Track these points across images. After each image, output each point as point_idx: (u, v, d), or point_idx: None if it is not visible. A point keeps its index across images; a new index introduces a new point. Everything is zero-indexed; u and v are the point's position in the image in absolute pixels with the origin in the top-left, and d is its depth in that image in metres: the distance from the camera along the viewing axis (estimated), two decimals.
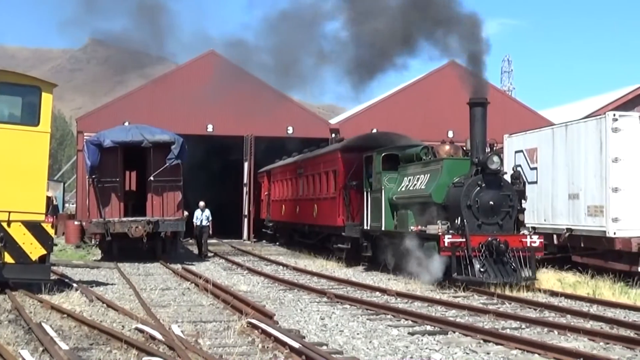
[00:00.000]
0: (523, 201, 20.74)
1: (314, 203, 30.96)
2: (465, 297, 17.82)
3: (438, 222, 19.99)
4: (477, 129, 20.01)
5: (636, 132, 20.70)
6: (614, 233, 20.31)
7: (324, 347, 11.23)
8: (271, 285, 20.27)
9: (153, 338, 11.58)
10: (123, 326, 13.10)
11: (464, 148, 21.63)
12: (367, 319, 14.32)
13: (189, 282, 20.27)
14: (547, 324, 13.43)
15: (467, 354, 11.09)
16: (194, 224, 30.44)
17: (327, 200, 29.09)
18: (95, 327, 12.59)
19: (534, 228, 21.85)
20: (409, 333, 12.74)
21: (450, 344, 11.75)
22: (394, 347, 11.52)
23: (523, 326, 13.49)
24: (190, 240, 38.64)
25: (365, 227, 24.71)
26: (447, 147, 22.35)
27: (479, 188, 19.58)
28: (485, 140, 20.15)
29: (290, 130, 43.12)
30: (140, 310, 14.86)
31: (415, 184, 21.97)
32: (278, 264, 27.29)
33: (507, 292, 17.88)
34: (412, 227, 21.38)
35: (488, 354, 11.07)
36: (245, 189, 43.79)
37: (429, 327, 13.27)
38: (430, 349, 11.35)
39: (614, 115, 21.02)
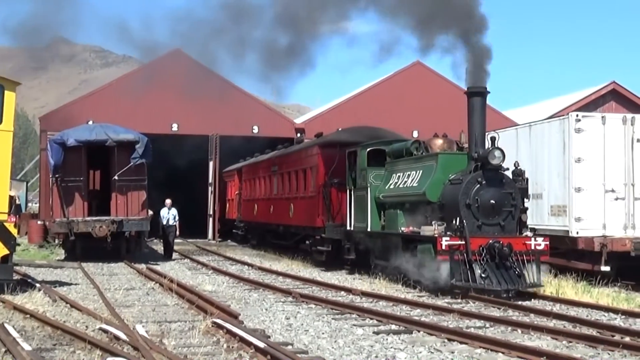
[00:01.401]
0: (526, 200, 19.07)
1: (290, 202, 29.27)
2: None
3: (433, 222, 18.50)
4: (475, 120, 18.47)
5: (598, 132, 20.91)
6: (577, 233, 20.50)
7: (289, 347, 11.23)
8: (236, 285, 20.23)
9: (117, 338, 11.51)
10: (87, 326, 13.01)
11: (458, 142, 20.25)
12: (332, 319, 14.33)
13: (154, 282, 20.17)
14: (510, 323, 13.52)
15: (432, 353, 11.14)
16: (160, 223, 29.92)
17: (305, 200, 27.39)
18: (58, 327, 12.49)
19: None
20: (374, 332, 12.76)
21: (415, 343, 11.80)
22: (358, 346, 11.54)
23: (487, 325, 13.57)
24: (155, 240, 38.48)
25: (348, 228, 23.13)
26: (440, 141, 20.62)
27: (478, 185, 17.99)
28: (484, 133, 18.63)
29: (255, 129, 43.07)
30: (104, 310, 14.78)
31: (405, 181, 20.38)
32: (243, 263, 27.24)
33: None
34: (402, 228, 19.84)
35: (452, 352, 11.12)
36: (210, 189, 43.70)
37: (393, 327, 13.31)
38: (395, 348, 11.38)
39: (577, 115, 21.21)
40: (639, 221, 20.85)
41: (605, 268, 19.92)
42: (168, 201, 30.02)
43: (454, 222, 17.88)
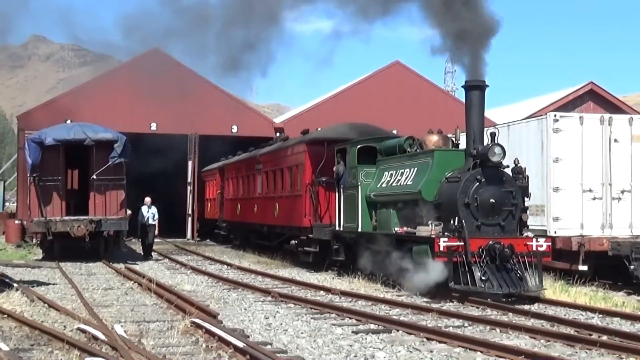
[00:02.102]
0: (526, 199, 18.37)
1: (275, 202, 28.29)
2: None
3: (429, 222, 17.55)
4: (474, 115, 17.54)
5: (576, 132, 21.03)
6: (555, 232, 20.59)
7: (268, 347, 11.22)
8: (215, 285, 20.20)
9: (95, 338, 11.46)
10: (65, 326, 12.95)
11: (454, 139, 19.35)
12: (312, 318, 14.34)
13: (132, 282, 20.10)
14: (489, 322, 13.57)
15: (411, 352, 11.16)
16: (139, 221, 29.50)
17: (290, 199, 26.44)
18: (36, 327, 12.42)
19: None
20: (353, 332, 12.78)
21: (393, 343, 11.82)
22: (338, 345, 11.55)
23: (466, 324, 13.61)
24: (134, 240, 38.35)
25: (337, 229, 22.27)
26: (434, 138, 19.71)
27: (477, 183, 17.14)
28: (483, 128, 17.73)
29: (234, 129, 43.03)
30: (83, 310, 14.70)
31: (399, 180, 19.49)
32: (222, 263, 27.20)
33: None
34: (396, 229, 19.08)
35: (431, 352, 11.15)
36: (189, 188, 43.61)
37: (372, 326, 13.33)
38: (374, 348, 11.40)
39: (555, 115, 21.31)
40: (616, 221, 20.99)
41: (583, 267, 20.03)
42: (148, 199, 29.57)
43: (451, 222, 17.08)
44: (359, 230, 20.90)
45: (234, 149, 38.85)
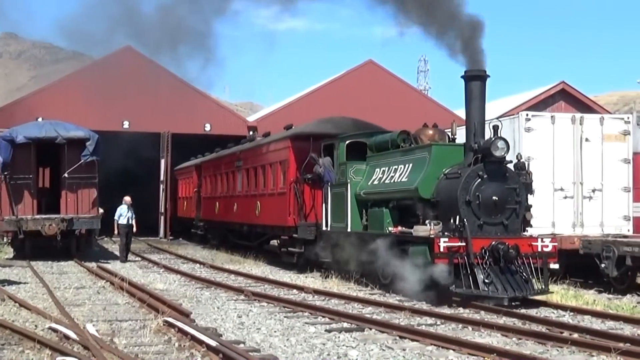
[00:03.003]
0: (530, 196, 17.38)
1: (256, 200, 27.29)
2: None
3: (427, 222, 16.66)
4: (474, 107, 16.56)
5: (548, 132, 21.17)
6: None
7: (241, 345, 11.20)
8: (188, 284, 20.14)
9: (67, 337, 11.38)
10: (36, 326, 12.86)
11: (450, 134, 18.48)
12: (285, 317, 14.33)
13: (104, 281, 20.00)
14: (461, 320, 13.63)
15: (384, 350, 11.18)
16: (117, 222, 27.83)
17: (273, 197, 25.39)
18: (7, 326, 12.31)
19: None
20: (326, 330, 12.78)
21: (366, 341, 11.83)
22: (311, 344, 11.55)
23: (438, 322, 13.66)
24: (105, 238, 38.21)
25: (323, 228, 21.34)
26: (430, 132, 18.72)
27: (479, 180, 16.11)
28: (484, 121, 16.72)
29: (207, 127, 42.95)
30: (54, 309, 14.61)
31: (392, 176, 18.47)
32: (195, 261, 27.13)
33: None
34: (390, 228, 18.08)
35: (404, 350, 11.18)
36: (162, 186, 43.47)
37: (345, 324, 13.34)
38: (346, 346, 11.41)
39: (527, 115, 21.43)
40: (587, 219, 21.15)
41: (554, 266, 20.14)
42: (128, 198, 28.28)
43: (451, 221, 16.09)
44: (349, 230, 19.96)
45: (207, 148, 38.76)
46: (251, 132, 39.66)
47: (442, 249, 15.53)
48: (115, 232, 28.11)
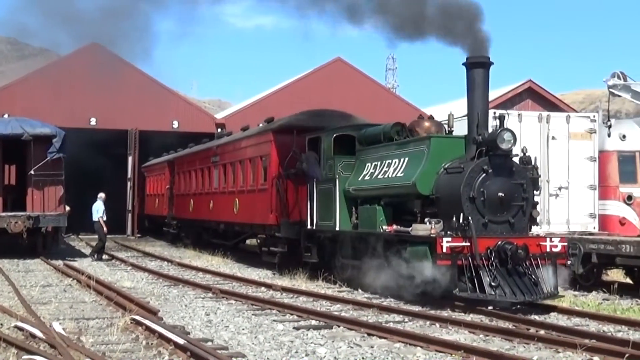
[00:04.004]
0: (535, 192, 16.26)
1: (234, 197, 26.06)
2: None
3: (426, 220, 15.52)
4: (477, 97, 15.47)
5: (515, 130, 21.14)
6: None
7: (209, 343, 11.18)
8: (156, 281, 20.07)
9: (33, 336, 11.30)
10: (1, 324, 12.74)
11: (447, 127, 17.62)
12: (253, 314, 14.32)
13: (71, 279, 19.87)
14: (429, 317, 13.69)
15: (352, 347, 11.20)
16: (101, 218, 27.04)
17: (254, 194, 24.14)
18: None
19: None
20: (294, 328, 12.79)
21: (335, 338, 11.85)
22: (279, 342, 11.55)
23: (406, 319, 13.71)
24: (72, 236, 37.96)
25: (309, 227, 20.00)
26: (426, 124, 17.65)
27: (484, 175, 14.99)
28: (488, 112, 15.71)
29: (175, 124, 42.77)
30: (20, 307, 14.49)
31: (386, 171, 17.25)
32: (163, 259, 27.02)
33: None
34: (384, 227, 16.79)
35: (372, 347, 11.21)
36: (129, 184, 43.26)
37: (314, 322, 13.35)
38: (315, 344, 11.42)
39: (494, 113, 21.53)
40: (554, 217, 21.33)
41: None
42: (102, 195, 27.70)
43: (454, 219, 14.86)
44: (337, 229, 18.69)
45: (176, 145, 38.56)
46: (219, 130, 39.50)
47: (444, 250, 14.39)
48: (105, 229, 27.29)
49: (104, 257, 27.47)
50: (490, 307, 14.54)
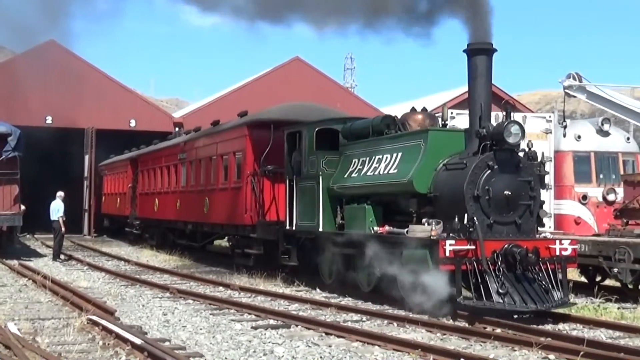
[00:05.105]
0: (542, 191, 14.88)
1: (204, 196, 24.58)
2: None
3: (424, 220, 14.29)
4: (479, 86, 14.16)
5: None
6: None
7: (167, 343, 11.14)
8: (112, 281, 19.94)
9: None
10: None
11: (442, 120, 16.36)
12: (211, 314, 14.29)
13: (27, 279, 19.68)
14: (387, 316, 13.75)
15: (310, 347, 11.22)
16: (62, 218, 26.57)
17: (227, 192, 22.79)
18: None
19: None
20: (252, 327, 12.78)
21: (292, 338, 11.87)
22: (237, 341, 11.54)
23: (364, 319, 13.76)
24: (27, 235, 37.58)
25: (288, 227, 18.73)
26: (419, 116, 16.39)
27: (489, 171, 13.73)
28: (491, 103, 14.32)
29: (132, 123, 42.51)
30: None
31: (376, 168, 15.93)
32: (120, 259, 26.85)
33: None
34: (375, 228, 15.49)
35: (330, 346, 11.24)
36: (85, 183, 42.92)
37: (272, 321, 13.36)
38: (273, 343, 11.43)
39: (452, 112, 21.71)
40: None
41: None
42: (61, 193, 27.16)
43: (455, 219, 13.63)
44: (320, 229, 17.39)
45: (133, 144, 38.29)
46: (177, 129, 39.30)
47: (447, 253, 13.12)
48: (63, 229, 26.67)
49: (61, 257, 27.16)
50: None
